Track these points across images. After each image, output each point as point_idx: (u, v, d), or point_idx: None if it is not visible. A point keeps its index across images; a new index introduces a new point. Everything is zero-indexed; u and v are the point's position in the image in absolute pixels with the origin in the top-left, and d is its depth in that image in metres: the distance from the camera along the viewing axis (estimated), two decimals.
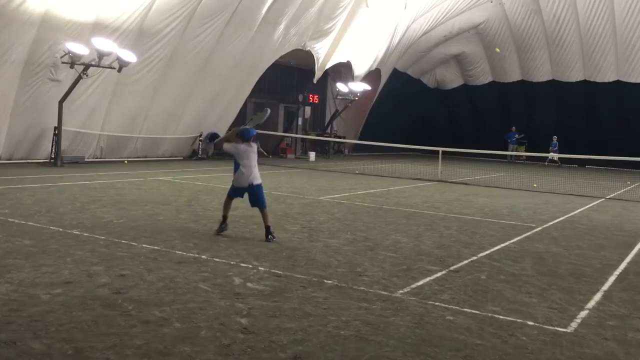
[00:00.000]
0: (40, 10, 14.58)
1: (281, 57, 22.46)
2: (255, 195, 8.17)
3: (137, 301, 5.05)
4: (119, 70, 16.08)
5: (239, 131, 8.37)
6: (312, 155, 24.79)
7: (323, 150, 27.18)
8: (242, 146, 8.20)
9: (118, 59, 15.79)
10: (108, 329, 4.39)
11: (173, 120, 20.02)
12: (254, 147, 8.34)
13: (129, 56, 15.96)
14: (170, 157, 20.92)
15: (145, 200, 10.84)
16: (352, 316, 4.96)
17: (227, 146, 8.35)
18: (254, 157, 8.26)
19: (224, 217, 8.26)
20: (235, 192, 8.35)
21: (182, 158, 21.22)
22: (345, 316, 4.95)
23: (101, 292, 5.27)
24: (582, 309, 5.52)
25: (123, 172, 15.50)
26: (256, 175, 8.20)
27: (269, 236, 7.90)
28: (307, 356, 4.11)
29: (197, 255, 6.80)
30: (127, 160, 18.73)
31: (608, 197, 15.81)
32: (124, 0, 15.91)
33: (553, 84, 31.21)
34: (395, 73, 30.51)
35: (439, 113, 35.39)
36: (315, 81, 25.57)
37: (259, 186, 8.22)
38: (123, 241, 7.35)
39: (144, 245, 7.17)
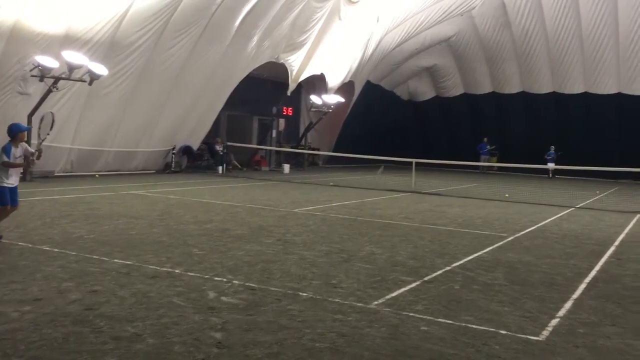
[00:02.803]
0: (9, 23, 14.37)
1: (255, 70, 22.48)
2: None
3: (109, 317, 4.98)
4: (90, 83, 15.91)
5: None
6: (286, 167, 24.79)
7: (297, 162, 27.20)
8: None
9: (89, 71, 15.63)
10: (79, 346, 4.31)
11: (145, 134, 19.85)
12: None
13: (100, 69, 15.81)
14: (142, 170, 20.71)
15: (117, 215, 10.70)
16: (328, 328, 4.95)
17: None
18: None
19: None
20: None
21: (154, 171, 21.02)
22: (321, 328, 4.94)
23: (72, 308, 5.18)
24: (554, 317, 5.60)
25: (94, 187, 15.29)
26: None
27: None
28: None
29: (170, 270, 6.73)
30: (99, 174, 18.48)
31: (577, 206, 16.10)
32: (95, 12, 15.78)
33: (523, 96, 31.80)
34: (368, 85, 30.75)
35: (412, 124, 35.75)
36: (289, 93, 25.64)
37: None
38: (94, 256, 7.24)
39: (116, 260, 7.07)
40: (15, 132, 7.87)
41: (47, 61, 14.79)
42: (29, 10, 14.52)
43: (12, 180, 7.97)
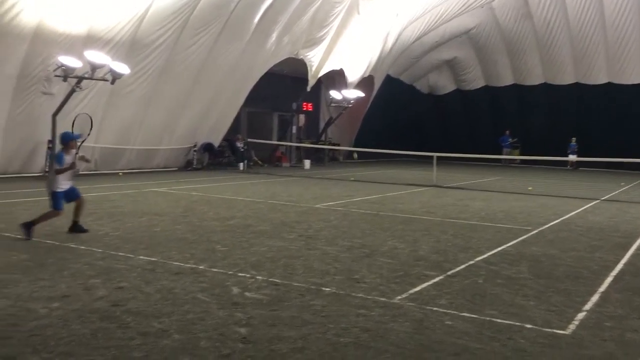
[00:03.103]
0: (32, 24, 14.59)
1: (274, 66, 22.52)
2: None
3: (135, 313, 5.05)
4: (112, 82, 16.07)
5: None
6: (307, 163, 24.82)
7: (318, 158, 27.21)
8: None
9: (111, 71, 15.79)
10: (107, 342, 4.38)
11: (167, 131, 20.03)
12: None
13: (122, 68, 15.96)
14: (164, 168, 20.91)
15: (141, 212, 10.83)
16: (351, 323, 4.96)
17: None
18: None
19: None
20: None
21: (176, 169, 21.20)
22: (344, 323, 4.95)
23: (99, 304, 5.26)
24: (580, 310, 5.53)
25: (118, 184, 15.48)
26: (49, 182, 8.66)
27: (26, 230, 8.20)
28: None
29: (194, 266, 6.79)
30: (122, 172, 18.69)
31: (602, 198, 15.87)
32: (116, 12, 15.96)
33: (545, 87, 31.40)
34: (388, 79, 30.62)
35: (432, 118, 35.54)
36: (308, 89, 25.63)
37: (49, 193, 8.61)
38: (120, 253, 7.34)
39: (141, 257, 7.16)
40: (67, 141, 8.61)
41: (70, 61, 14.96)
42: (52, 11, 14.73)
43: (65, 183, 8.59)
